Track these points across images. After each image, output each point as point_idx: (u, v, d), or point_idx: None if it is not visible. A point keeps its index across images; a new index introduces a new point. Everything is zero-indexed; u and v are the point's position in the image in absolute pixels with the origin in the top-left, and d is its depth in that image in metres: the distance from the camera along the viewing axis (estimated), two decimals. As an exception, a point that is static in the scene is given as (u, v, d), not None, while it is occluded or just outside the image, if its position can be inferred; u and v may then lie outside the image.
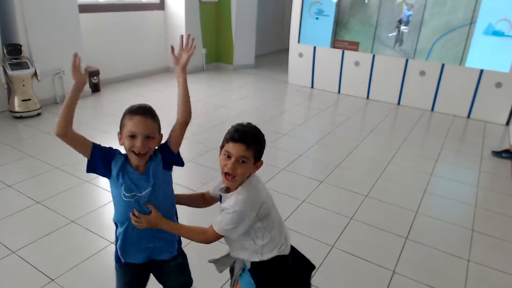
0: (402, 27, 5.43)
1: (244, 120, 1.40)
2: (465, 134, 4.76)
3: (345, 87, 6.08)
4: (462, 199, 3.14)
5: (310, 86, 6.38)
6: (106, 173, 1.38)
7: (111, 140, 3.86)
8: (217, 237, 1.35)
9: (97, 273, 2.13)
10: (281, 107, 5.53)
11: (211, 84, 6.37)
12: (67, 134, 1.36)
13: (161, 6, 6.55)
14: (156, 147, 1.40)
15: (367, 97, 5.92)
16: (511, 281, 2.23)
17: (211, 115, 4.75)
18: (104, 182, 3.07)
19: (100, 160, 1.37)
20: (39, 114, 4.40)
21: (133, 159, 1.34)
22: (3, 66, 4.15)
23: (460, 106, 5.25)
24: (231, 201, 1.32)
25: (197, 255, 1.83)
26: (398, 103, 5.68)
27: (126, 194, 1.35)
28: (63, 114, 1.36)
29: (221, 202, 1.41)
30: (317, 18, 6.02)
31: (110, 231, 2.49)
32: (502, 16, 4.72)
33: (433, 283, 2.16)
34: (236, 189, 1.35)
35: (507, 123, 4.99)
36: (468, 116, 5.24)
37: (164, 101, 5.29)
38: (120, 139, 1.36)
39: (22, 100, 4.26)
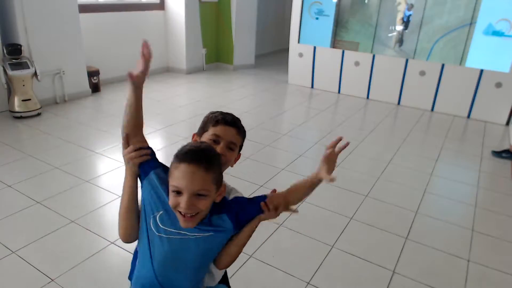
0: (402, 27, 5.43)
1: (244, 120, 1.38)
2: (465, 134, 4.77)
3: (345, 87, 6.07)
4: (462, 199, 3.14)
5: (310, 86, 6.38)
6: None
7: (110, 140, 3.88)
8: None
9: (97, 273, 2.13)
10: (281, 107, 5.53)
11: (211, 84, 6.36)
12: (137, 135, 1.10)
13: (161, 6, 6.55)
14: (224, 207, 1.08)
15: (367, 97, 5.92)
16: (511, 281, 2.23)
17: (211, 115, 4.75)
18: (104, 182, 3.07)
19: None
20: (39, 114, 4.40)
21: (180, 221, 1.00)
22: (3, 66, 4.15)
23: (460, 106, 5.25)
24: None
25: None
26: (398, 103, 5.68)
27: (161, 226, 1.04)
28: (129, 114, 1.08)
29: None
30: (317, 18, 6.02)
31: (110, 231, 2.49)
32: (502, 16, 4.72)
33: (433, 283, 2.17)
34: None
35: (507, 123, 4.99)
36: (468, 116, 5.24)
37: (164, 101, 5.30)
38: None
39: (22, 100, 4.26)
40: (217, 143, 1.16)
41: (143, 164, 1.09)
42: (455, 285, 2.18)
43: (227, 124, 1.18)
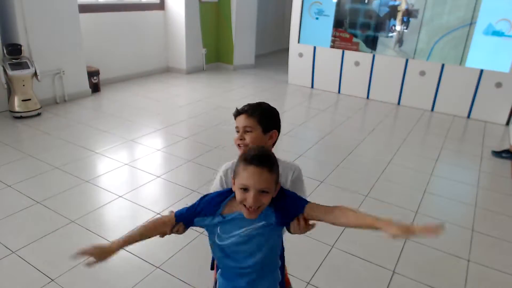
0: (402, 27, 5.43)
1: None
2: (465, 134, 4.76)
3: (345, 87, 6.07)
4: (462, 199, 3.14)
5: (310, 86, 6.38)
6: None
7: (110, 140, 3.88)
8: None
9: (97, 273, 2.13)
10: (281, 107, 5.52)
11: (211, 84, 6.36)
12: None
13: (161, 6, 6.55)
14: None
15: (367, 97, 5.92)
16: (511, 281, 2.23)
17: (211, 115, 4.75)
18: (104, 182, 3.08)
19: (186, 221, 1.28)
20: (39, 114, 4.40)
21: (244, 213, 1.18)
22: (3, 66, 4.15)
23: (460, 106, 5.25)
24: (289, 168, 1.44)
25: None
26: (398, 103, 5.68)
27: (227, 235, 1.23)
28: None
29: None
30: (317, 18, 6.01)
31: (110, 231, 2.50)
32: (502, 16, 4.72)
33: (433, 283, 2.16)
34: None
35: (507, 123, 4.98)
36: (468, 116, 5.23)
37: (164, 101, 5.30)
38: (233, 184, 1.20)
39: (22, 100, 4.26)
40: (238, 132, 1.40)
41: (184, 222, 1.27)
42: (455, 285, 2.18)
43: (238, 114, 1.42)
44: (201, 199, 1.27)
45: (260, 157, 1.14)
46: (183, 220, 1.25)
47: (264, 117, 1.43)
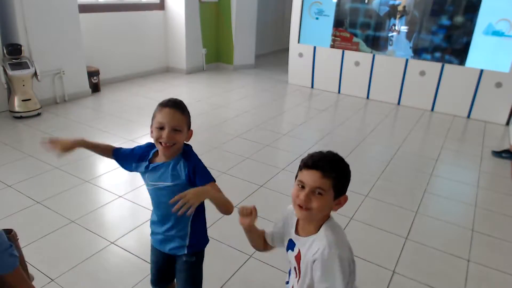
0: (402, 27, 5.43)
1: (244, 120, 1.42)
2: (465, 134, 4.77)
3: (345, 87, 6.07)
4: (462, 199, 3.14)
5: (310, 86, 6.38)
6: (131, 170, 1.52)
7: (110, 140, 3.88)
8: None
9: (97, 273, 2.13)
10: (281, 107, 5.52)
11: (211, 84, 6.36)
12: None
13: (161, 6, 6.55)
14: (187, 155, 1.42)
15: (367, 97, 5.92)
16: (511, 281, 2.23)
17: (211, 115, 4.75)
18: (104, 182, 3.08)
19: (124, 162, 1.53)
20: (39, 114, 4.40)
21: (160, 150, 1.38)
22: (3, 66, 4.15)
23: (460, 106, 5.25)
24: (320, 243, 1.11)
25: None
26: (398, 103, 5.68)
27: (150, 182, 1.43)
28: None
29: (291, 249, 1.21)
30: (317, 18, 6.01)
31: (110, 231, 2.50)
32: (502, 16, 4.72)
33: (433, 283, 2.17)
34: (316, 229, 1.14)
35: (507, 123, 4.98)
36: (468, 116, 5.23)
37: (164, 101, 5.30)
38: (151, 132, 1.39)
39: (22, 100, 4.26)
40: (303, 189, 1.17)
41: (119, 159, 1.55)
42: (455, 285, 2.18)
43: (309, 168, 1.24)
44: (135, 147, 1.50)
45: (174, 102, 1.37)
46: (119, 155, 1.51)
47: (339, 178, 1.18)
